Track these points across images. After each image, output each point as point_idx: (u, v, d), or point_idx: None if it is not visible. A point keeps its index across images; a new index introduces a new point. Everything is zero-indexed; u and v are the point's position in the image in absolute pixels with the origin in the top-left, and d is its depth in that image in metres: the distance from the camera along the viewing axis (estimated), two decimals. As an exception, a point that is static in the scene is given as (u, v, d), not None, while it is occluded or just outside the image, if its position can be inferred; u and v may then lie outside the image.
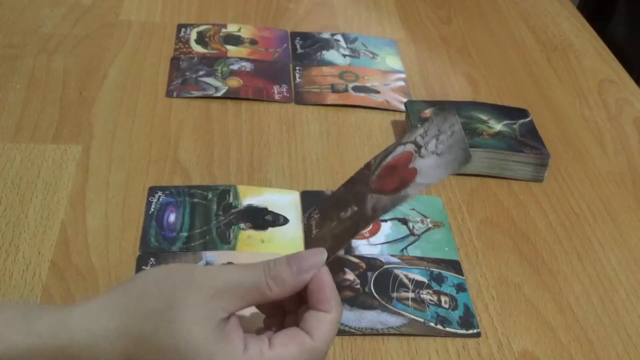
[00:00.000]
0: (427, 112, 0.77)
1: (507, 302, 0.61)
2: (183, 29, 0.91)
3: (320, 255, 0.49)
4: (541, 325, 0.59)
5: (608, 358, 0.57)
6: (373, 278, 0.61)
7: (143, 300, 0.46)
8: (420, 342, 0.57)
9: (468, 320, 0.59)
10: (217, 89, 0.81)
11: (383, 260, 0.63)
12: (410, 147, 0.55)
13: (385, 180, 0.55)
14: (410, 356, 0.55)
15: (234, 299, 0.46)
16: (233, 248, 0.62)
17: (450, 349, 0.56)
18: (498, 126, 0.75)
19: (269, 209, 0.66)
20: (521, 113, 0.79)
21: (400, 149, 0.56)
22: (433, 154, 0.53)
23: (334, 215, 0.57)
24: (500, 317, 0.59)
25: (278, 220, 0.65)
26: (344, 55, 0.90)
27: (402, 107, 0.80)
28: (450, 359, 0.56)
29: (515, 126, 0.76)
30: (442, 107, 0.77)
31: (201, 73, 0.83)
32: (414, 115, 0.76)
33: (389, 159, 0.56)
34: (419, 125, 0.60)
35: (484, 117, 0.77)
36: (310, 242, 0.62)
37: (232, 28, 0.93)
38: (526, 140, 0.74)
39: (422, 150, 0.54)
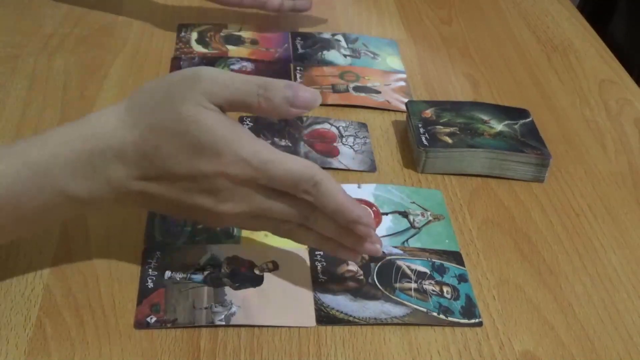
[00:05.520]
0: (428, 112, 0.77)
1: (509, 302, 0.61)
2: (184, 29, 0.91)
3: (316, 97, 0.55)
4: (542, 325, 0.59)
5: (609, 358, 0.57)
6: (376, 269, 0.61)
7: (152, 98, 0.52)
8: (424, 334, 0.57)
9: (470, 310, 0.59)
10: (217, 88, 0.81)
11: (385, 251, 0.63)
12: (334, 130, 0.76)
13: (315, 141, 0.75)
14: (415, 347, 0.55)
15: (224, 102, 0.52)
16: (237, 241, 0.63)
17: (451, 349, 0.56)
18: (499, 126, 0.76)
19: None
20: (522, 113, 0.79)
21: (327, 125, 0.77)
22: (350, 147, 0.75)
23: (268, 135, 0.74)
24: (502, 318, 0.59)
25: None
26: (345, 56, 0.90)
27: (403, 107, 0.80)
28: (451, 359, 0.56)
29: (516, 126, 0.76)
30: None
31: (202, 73, 0.83)
32: (415, 116, 0.76)
33: (318, 127, 0.77)
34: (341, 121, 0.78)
35: (484, 117, 0.77)
36: None
37: (232, 28, 0.93)
38: (527, 140, 0.74)
39: (343, 139, 0.75)
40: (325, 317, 0.57)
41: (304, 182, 0.52)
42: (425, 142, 0.72)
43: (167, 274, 0.59)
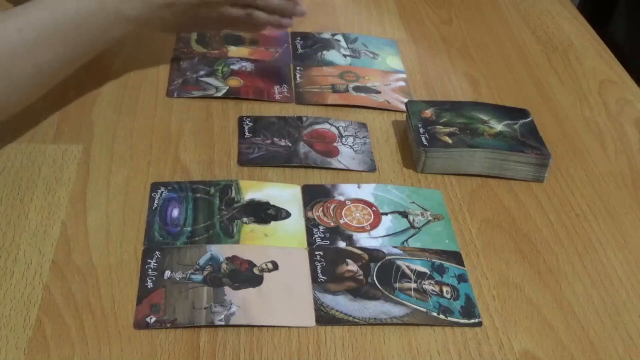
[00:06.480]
0: (428, 112, 0.77)
1: (508, 302, 0.61)
2: (183, 29, 0.91)
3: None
4: (542, 325, 0.59)
5: (609, 358, 0.57)
6: (376, 269, 0.61)
7: None
8: (424, 334, 0.57)
9: (470, 310, 0.59)
10: (217, 89, 0.81)
11: (385, 251, 0.63)
12: (334, 130, 0.77)
13: (315, 141, 0.75)
14: (415, 347, 0.56)
15: None
16: (237, 242, 0.63)
17: (451, 349, 0.56)
18: (499, 126, 0.76)
19: (271, 203, 0.67)
20: (522, 113, 0.79)
21: (326, 125, 0.77)
22: (350, 147, 0.75)
23: (268, 134, 0.75)
24: (501, 317, 0.59)
25: (280, 214, 0.66)
26: (345, 56, 0.90)
27: (403, 107, 0.80)
28: (451, 359, 0.56)
29: (515, 126, 0.76)
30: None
31: (202, 73, 0.83)
32: (414, 116, 0.76)
33: (318, 127, 0.77)
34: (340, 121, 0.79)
35: (484, 117, 0.77)
36: (244, 141, 0.74)
37: (232, 28, 0.93)
38: (527, 140, 0.74)
39: (343, 139, 0.75)
40: (325, 317, 0.57)
41: None
42: (425, 142, 0.72)
43: (167, 274, 0.59)
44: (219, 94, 0.80)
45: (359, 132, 0.77)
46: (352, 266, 0.62)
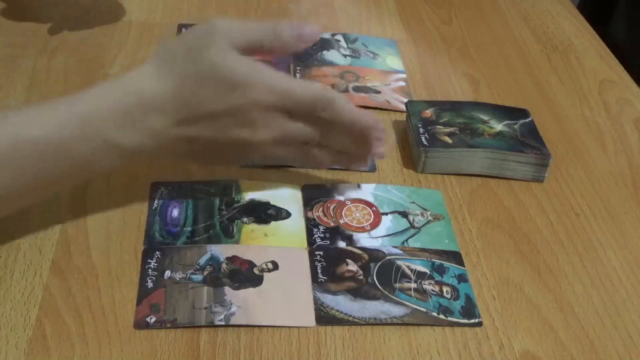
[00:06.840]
0: (428, 112, 0.77)
1: (508, 302, 0.61)
2: (184, 29, 0.91)
3: (316, 30, 0.62)
4: (542, 325, 0.59)
5: (609, 358, 0.57)
6: (376, 269, 0.61)
7: (178, 52, 0.58)
8: (424, 334, 0.57)
9: (470, 310, 0.59)
10: (217, 88, 0.81)
11: (385, 251, 0.63)
12: None
13: None
14: (415, 347, 0.56)
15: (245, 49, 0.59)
16: (237, 242, 0.63)
17: (451, 349, 0.56)
18: (499, 126, 0.76)
19: (271, 202, 0.67)
20: (522, 113, 0.79)
21: None
22: None
23: None
24: (501, 317, 0.59)
25: (280, 214, 0.66)
26: (345, 56, 0.90)
27: (403, 107, 0.80)
28: (451, 359, 0.56)
29: (515, 126, 0.76)
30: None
31: (202, 73, 0.83)
32: (414, 116, 0.76)
33: None
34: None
35: (484, 117, 0.77)
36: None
37: (232, 28, 0.92)
38: (527, 140, 0.74)
39: None
40: (324, 317, 0.57)
41: (322, 100, 0.59)
42: (425, 142, 0.72)
43: (167, 274, 0.59)
44: (219, 94, 0.80)
45: None
46: (352, 266, 0.62)
